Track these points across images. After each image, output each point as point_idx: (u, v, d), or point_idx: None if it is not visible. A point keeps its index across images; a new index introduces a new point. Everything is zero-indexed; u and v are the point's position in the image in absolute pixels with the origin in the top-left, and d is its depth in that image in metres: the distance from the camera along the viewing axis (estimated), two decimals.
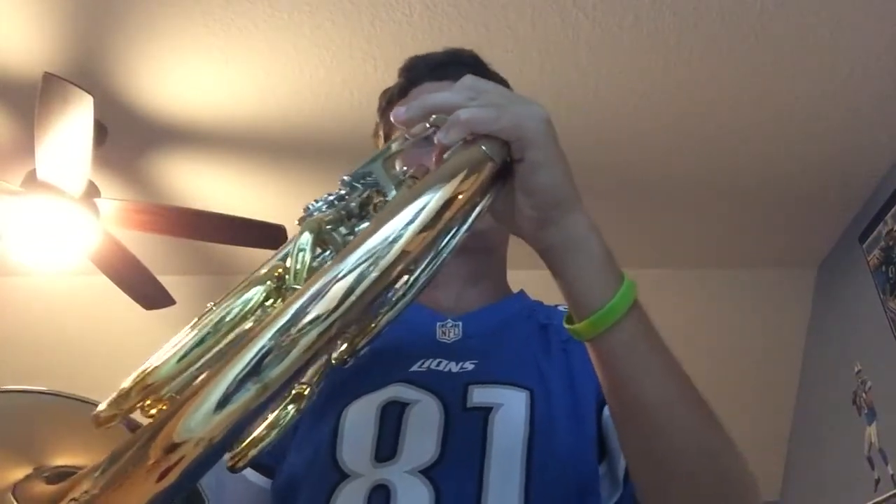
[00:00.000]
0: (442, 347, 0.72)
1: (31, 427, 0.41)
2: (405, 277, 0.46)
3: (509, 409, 0.65)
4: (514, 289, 0.84)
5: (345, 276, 0.35)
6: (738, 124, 2.14)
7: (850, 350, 2.54)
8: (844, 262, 2.61)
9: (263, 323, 0.33)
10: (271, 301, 0.42)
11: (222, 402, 0.31)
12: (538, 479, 0.61)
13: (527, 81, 2.00)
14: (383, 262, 0.36)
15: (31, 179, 1.92)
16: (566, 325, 0.54)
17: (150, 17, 1.83)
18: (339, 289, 0.35)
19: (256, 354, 0.32)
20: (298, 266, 0.42)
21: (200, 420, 0.30)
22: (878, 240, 2.34)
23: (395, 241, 0.37)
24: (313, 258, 0.43)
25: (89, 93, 1.70)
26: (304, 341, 0.33)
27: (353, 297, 0.35)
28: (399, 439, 0.63)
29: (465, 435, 0.63)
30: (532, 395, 0.66)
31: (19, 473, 0.38)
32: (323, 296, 0.34)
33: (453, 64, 0.84)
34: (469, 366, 0.69)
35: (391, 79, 0.87)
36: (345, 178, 0.51)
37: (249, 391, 0.31)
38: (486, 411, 0.64)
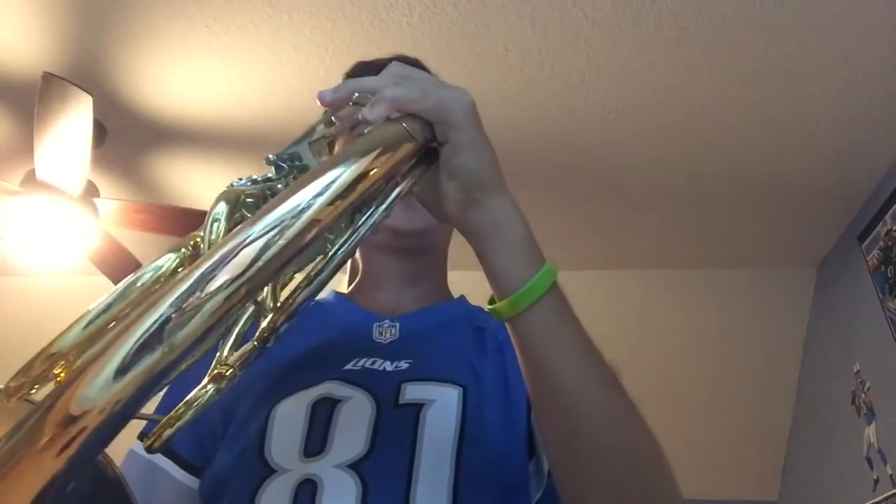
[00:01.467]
0: (378, 347, 0.72)
1: None
2: (322, 255, 0.46)
3: (441, 405, 0.65)
4: (455, 290, 0.84)
5: (252, 241, 0.35)
6: (738, 124, 2.14)
7: (849, 350, 2.54)
8: (844, 262, 2.61)
9: (166, 287, 0.33)
10: (183, 269, 0.41)
11: (122, 370, 0.30)
12: (467, 474, 0.62)
13: (527, 81, 2.00)
14: (291, 231, 0.36)
15: (31, 179, 1.92)
16: (488, 306, 0.55)
17: (150, 17, 1.83)
18: (245, 255, 0.34)
19: (157, 320, 0.31)
20: (213, 236, 0.42)
21: (99, 388, 0.29)
22: (878, 240, 2.34)
23: (303, 210, 0.37)
24: (228, 229, 0.43)
25: (89, 93, 1.70)
26: (208, 306, 0.32)
27: (259, 264, 0.34)
28: (328, 434, 0.63)
29: (396, 430, 0.63)
30: (465, 391, 0.66)
31: None
32: (229, 261, 0.34)
33: None
34: (404, 365, 0.69)
35: None
36: (270, 157, 0.52)
37: (152, 356, 0.30)
38: (417, 407, 0.65)
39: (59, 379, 0.36)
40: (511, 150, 2.23)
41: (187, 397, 0.42)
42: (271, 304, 0.45)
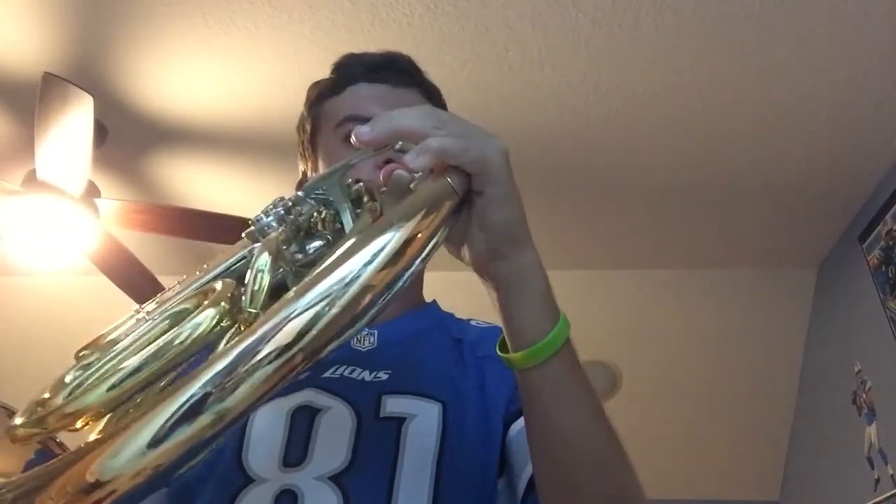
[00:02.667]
0: (356, 355, 0.72)
1: None
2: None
3: (423, 420, 0.65)
4: (440, 290, 0.85)
5: (299, 314, 0.34)
6: (738, 125, 2.14)
7: (850, 350, 2.54)
8: (844, 262, 2.61)
9: (209, 361, 0.32)
10: (224, 323, 0.41)
11: (153, 443, 0.29)
12: (445, 490, 0.62)
13: (527, 81, 2.00)
14: (341, 302, 0.36)
15: (31, 179, 1.92)
16: (500, 354, 0.55)
17: (151, 17, 1.83)
18: (292, 328, 0.33)
19: (196, 394, 0.30)
20: (256, 288, 0.40)
21: (126, 461, 0.28)
22: (878, 240, 2.34)
23: (353, 281, 0.37)
24: (272, 280, 0.42)
25: (89, 93, 1.70)
26: (253, 380, 0.32)
27: (308, 338, 0.34)
28: (309, 445, 0.63)
29: (378, 443, 0.63)
30: (445, 407, 0.67)
31: None
32: (275, 336, 0.33)
33: (390, 67, 0.83)
34: (383, 375, 0.69)
35: None
36: (299, 193, 0.50)
37: (189, 429, 0.30)
38: (399, 421, 0.65)
39: (78, 428, 0.35)
40: (511, 151, 2.23)
41: None
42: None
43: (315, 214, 0.49)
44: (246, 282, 0.41)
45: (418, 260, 0.44)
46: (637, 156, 2.27)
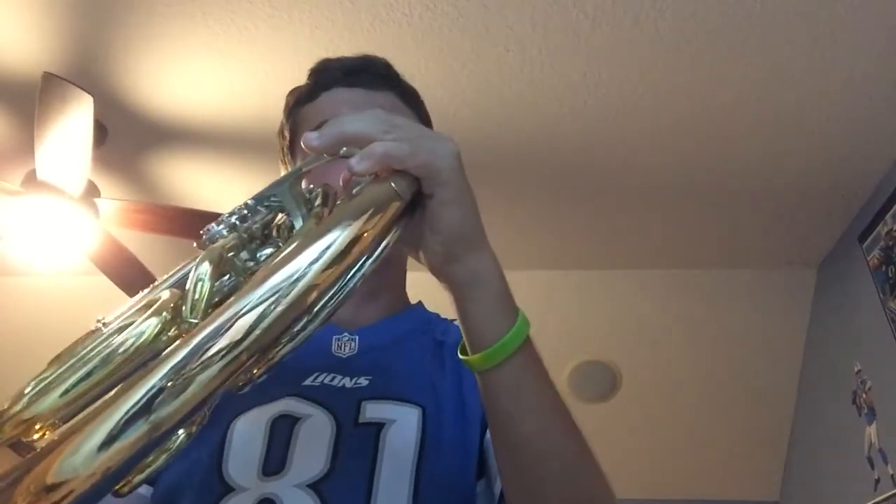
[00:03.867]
0: (336, 362, 0.72)
1: None
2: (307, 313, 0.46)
3: (401, 425, 0.65)
4: (413, 293, 0.84)
5: (246, 312, 0.34)
6: (738, 125, 2.14)
7: (850, 350, 2.54)
8: (844, 262, 2.61)
9: (158, 360, 0.32)
10: (167, 333, 0.41)
11: (108, 441, 0.29)
12: (425, 494, 0.62)
13: (527, 81, 2.00)
14: (287, 300, 0.36)
15: (31, 179, 1.92)
16: (460, 356, 0.55)
17: (150, 17, 1.83)
18: (241, 326, 0.34)
19: (148, 392, 0.31)
20: (196, 297, 0.41)
21: (82, 460, 0.29)
22: (878, 240, 2.34)
23: (299, 279, 0.37)
24: (212, 288, 0.42)
25: (89, 93, 1.70)
26: (202, 377, 0.32)
27: (255, 334, 0.34)
28: (288, 453, 0.63)
29: (357, 449, 0.63)
30: (424, 412, 0.67)
31: None
32: (223, 333, 0.33)
33: (365, 71, 0.83)
34: (363, 381, 0.69)
35: None
36: (249, 201, 0.50)
37: (139, 430, 0.30)
38: (378, 427, 0.65)
39: (36, 438, 0.35)
40: (511, 151, 2.23)
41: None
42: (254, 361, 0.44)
43: (269, 222, 0.49)
44: (186, 290, 0.41)
45: (369, 260, 0.44)
46: (637, 156, 2.27)
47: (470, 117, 2.09)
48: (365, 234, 0.43)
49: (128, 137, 2.20)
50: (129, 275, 2.25)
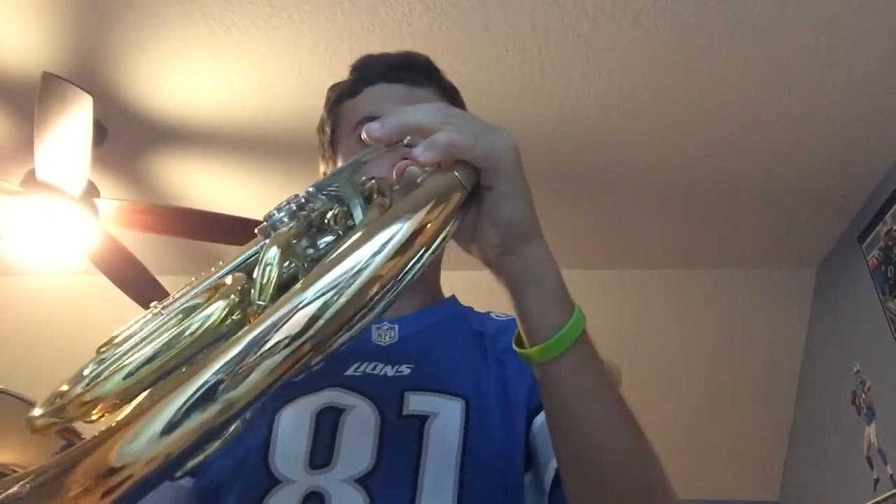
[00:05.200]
0: (378, 350, 0.72)
1: None
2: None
3: (445, 418, 0.66)
4: (456, 289, 0.85)
5: (309, 303, 0.35)
6: (738, 125, 2.14)
7: (849, 350, 2.54)
8: (844, 262, 2.61)
9: (222, 347, 0.33)
10: (235, 316, 0.41)
11: (170, 427, 0.29)
12: (470, 488, 0.62)
13: (527, 81, 2.00)
14: (348, 292, 0.36)
15: (31, 179, 1.92)
16: (516, 349, 0.55)
17: (150, 17, 1.83)
18: (301, 317, 0.34)
19: (211, 379, 0.31)
20: (265, 281, 0.41)
21: (144, 444, 0.29)
22: (878, 240, 2.34)
23: (361, 270, 0.37)
24: (280, 273, 0.42)
25: (89, 93, 1.70)
26: (265, 366, 0.32)
27: (317, 325, 0.34)
28: (334, 446, 0.63)
29: (401, 443, 0.64)
30: (467, 404, 0.67)
31: None
32: (285, 323, 0.34)
33: (407, 67, 0.84)
34: (405, 370, 0.69)
35: None
36: (310, 189, 0.51)
37: (201, 417, 0.30)
38: (422, 420, 0.65)
39: (91, 417, 0.36)
40: None
41: None
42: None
43: (328, 211, 0.50)
44: (255, 275, 0.41)
45: (428, 251, 0.44)
46: (637, 156, 2.27)
47: None
48: (428, 226, 0.43)
49: (127, 137, 2.20)
50: (129, 275, 2.25)
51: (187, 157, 2.29)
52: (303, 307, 0.34)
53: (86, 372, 0.38)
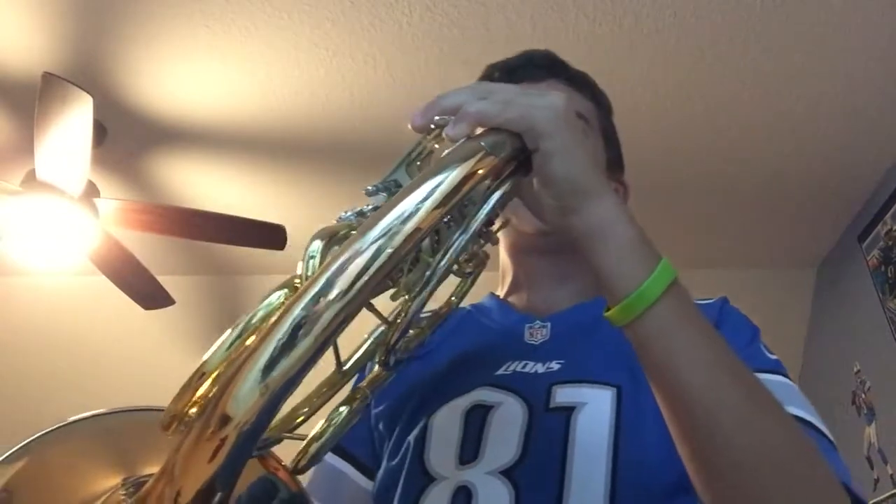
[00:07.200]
0: (529, 349, 0.72)
1: (114, 445, 0.46)
2: (424, 267, 0.49)
3: (593, 407, 0.64)
4: None
5: (363, 251, 0.38)
6: (737, 125, 2.14)
7: (849, 350, 2.54)
8: (844, 262, 2.61)
9: (290, 300, 0.36)
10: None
11: (264, 373, 0.33)
12: (625, 478, 0.60)
13: None
14: (398, 237, 0.39)
15: (31, 179, 1.92)
16: (603, 315, 0.53)
17: (150, 17, 1.83)
18: (357, 264, 0.37)
19: (290, 326, 0.35)
20: (310, 272, 0.43)
21: (246, 392, 0.33)
22: (878, 240, 2.34)
23: (409, 217, 0.40)
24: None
25: (89, 93, 1.70)
26: (330, 311, 0.36)
27: (371, 271, 0.38)
28: (481, 441, 0.64)
29: (547, 435, 0.63)
30: (619, 392, 0.65)
31: (107, 488, 0.42)
32: (344, 270, 0.37)
33: (527, 65, 0.85)
34: (555, 366, 0.69)
35: (391, 79, 0.87)
36: (369, 187, 0.52)
37: (293, 354, 0.34)
38: (568, 411, 0.64)
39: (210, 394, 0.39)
40: None
41: (326, 418, 0.46)
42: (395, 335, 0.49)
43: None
44: (299, 268, 0.44)
45: (482, 211, 0.48)
46: (636, 156, 2.25)
47: None
48: (478, 172, 0.44)
49: (127, 137, 2.20)
50: (129, 275, 2.25)
51: (187, 157, 2.29)
52: (359, 255, 0.38)
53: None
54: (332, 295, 0.36)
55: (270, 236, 2.14)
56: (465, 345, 0.74)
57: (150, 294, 2.33)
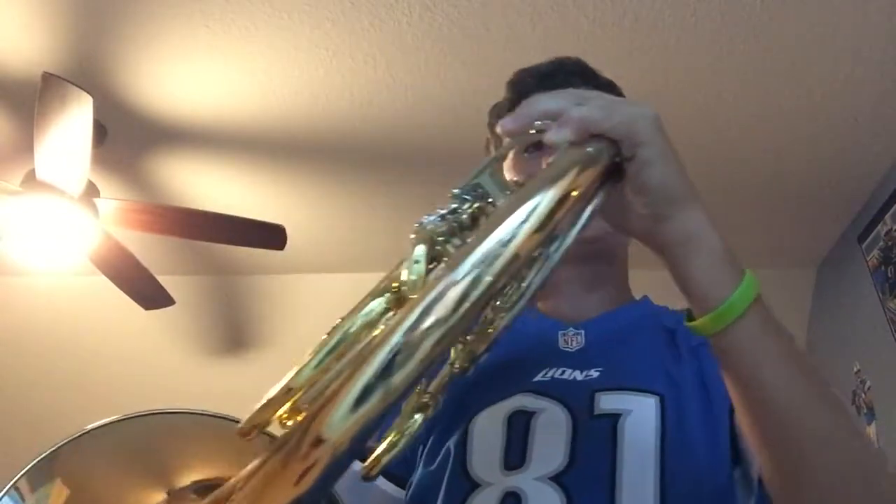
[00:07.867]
0: (565, 356, 0.72)
1: (172, 446, 0.46)
2: (519, 282, 0.47)
3: (639, 415, 0.64)
4: (637, 291, 0.83)
5: (460, 280, 0.36)
6: (737, 124, 2.14)
7: (849, 350, 2.54)
8: (844, 262, 2.61)
9: (389, 327, 0.35)
10: (391, 313, 0.43)
11: (360, 399, 0.33)
12: (673, 486, 0.61)
13: None
14: (497, 264, 0.37)
15: (31, 179, 1.92)
16: (686, 323, 0.53)
17: (150, 17, 1.83)
18: (455, 293, 0.36)
19: (388, 354, 0.33)
20: (414, 277, 0.42)
21: (341, 417, 0.32)
22: (878, 240, 2.34)
23: (508, 242, 0.38)
24: (428, 269, 0.44)
25: (89, 93, 1.70)
26: (429, 341, 0.34)
27: (470, 300, 0.36)
28: (527, 447, 0.64)
29: (595, 442, 0.63)
30: (662, 400, 0.65)
31: (161, 493, 0.43)
32: (440, 299, 0.35)
33: (559, 72, 0.85)
34: (594, 373, 0.69)
35: (391, 79, 0.87)
36: (455, 191, 0.51)
37: (382, 389, 0.33)
38: (614, 418, 0.64)
39: (286, 424, 0.39)
40: None
41: (399, 428, 0.45)
42: (473, 337, 0.47)
43: (474, 209, 0.50)
44: (402, 274, 0.43)
45: (576, 227, 0.46)
46: None
47: (470, 117, 2.09)
48: (572, 193, 0.43)
49: (127, 137, 2.20)
50: (129, 275, 2.25)
51: (187, 157, 2.29)
52: (456, 283, 0.36)
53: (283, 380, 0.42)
54: (430, 322, 0.35)
55: (270, 236, 2.14)
56: (499, 350, 0.73)
57: (150, 294, 2.33)
